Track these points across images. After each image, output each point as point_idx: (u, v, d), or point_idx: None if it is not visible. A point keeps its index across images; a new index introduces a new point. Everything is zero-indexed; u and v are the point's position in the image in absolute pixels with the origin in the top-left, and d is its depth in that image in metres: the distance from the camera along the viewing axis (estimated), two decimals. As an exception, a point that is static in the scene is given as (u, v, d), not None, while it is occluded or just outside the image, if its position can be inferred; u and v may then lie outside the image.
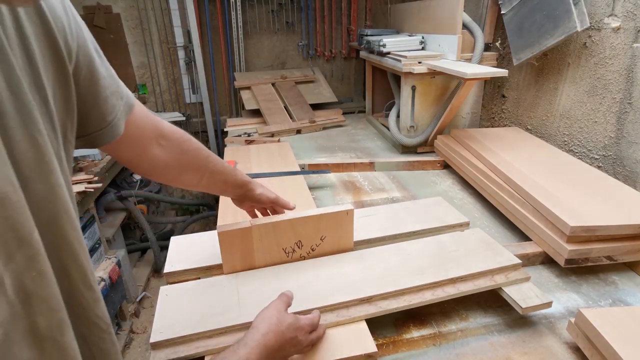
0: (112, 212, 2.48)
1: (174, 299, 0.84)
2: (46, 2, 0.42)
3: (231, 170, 0.85)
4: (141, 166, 0.71)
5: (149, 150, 0.69)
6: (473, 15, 1.84)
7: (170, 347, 0.73)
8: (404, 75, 1.81)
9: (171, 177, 0.77)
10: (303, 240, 0.93)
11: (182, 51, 2.99)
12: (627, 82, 1.29)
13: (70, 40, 0.45)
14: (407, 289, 0.85)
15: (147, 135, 0.68)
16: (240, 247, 0.89)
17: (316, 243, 0.94)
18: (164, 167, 0.73)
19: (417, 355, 0.80)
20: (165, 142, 0.71)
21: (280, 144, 1.97)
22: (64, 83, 0.44)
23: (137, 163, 0.70)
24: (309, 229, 0.92)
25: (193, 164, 0.77)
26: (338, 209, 0.92)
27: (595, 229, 0.96)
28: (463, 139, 1.60)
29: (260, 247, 0.90)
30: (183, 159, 0.75)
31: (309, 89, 2.79)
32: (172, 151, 0.73)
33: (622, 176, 1.32)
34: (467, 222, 1.11)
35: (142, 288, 2.56)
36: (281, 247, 0.92)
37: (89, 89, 0.50)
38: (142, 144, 0.67)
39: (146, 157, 0.69)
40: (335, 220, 0.93)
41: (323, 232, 0.93)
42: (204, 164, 0.79)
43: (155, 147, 0.70)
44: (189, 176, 0.78)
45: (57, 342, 0.40)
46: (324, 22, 3.02)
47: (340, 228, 0.95)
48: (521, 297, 0.84)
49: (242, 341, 0.63)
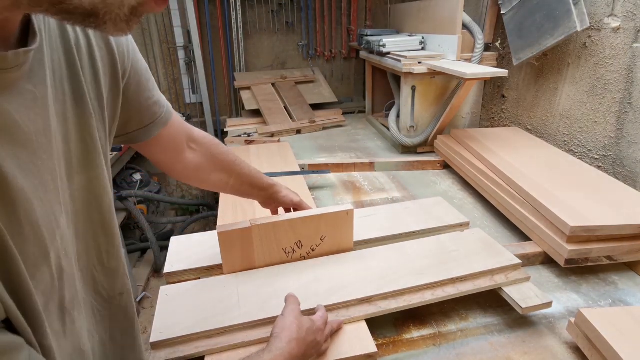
0: (112, 212, 2.48)
1: (174, 298, 0.84)
2: None
3: (257, 174, 0.90)
4: (175, 168, 0.78)
5: (181, 154, 0.77)
6: (473, 15, 1.84)
7: (170, 347, 0.73)
8: (404, 75, 1.81)
9: (202, 179, 0.83)
10: (303, 240, 0.93)
11: (182, 51, 2.99)
12: (627, 82, 1.29)
13: (126, 62, 0.56)
14: (406, 289, 0.85)
15: (181, 139, 0.75)
16: (240, 247, 0.89)
17: (316, 243, 0.94)
18: (195, 169, 0.80)
19: (417, 355, 0.80)
20: (195, 146, 0.79)
21: (280, 144, 1.97)
22: (116, 95, 0.54)
23: (171, 165, 0.78)
24: (309, 229, 0.92)
25: (221, 167, 0.84)
26: (338, 209, 0.92)
27: (595, 229, 0.96)
28: (463, 139, 1.60)
29: (260, 247, 0.90)
30: (212, 161, 0.82)
31: (309, 89, 2.79)
32: (202, 154, 0.80)
33: (622, 176, 1.32)
34: (467, 222, 1.11)
35: (142, 288, 2.56)
36: (281, 247, 0.92)
37: (133, 101, 0.60)
38: (176, 147, 0.75)
39: (180, 159, 0.77)
40: (335, 221, 0.93)
41: (323, 232, 0.93)
42: (231, 167, 0.85)
43: (187, 151, 0.78)
44: (218, 178, 0.84)
45: (72, 316, 0.46)
46: (324, 22, 3.02)
47: (340, 228, 0.94)
48: (521, 297, 0.84)
49: (266, 349, 0.63)
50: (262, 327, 0.77)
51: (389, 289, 0.84)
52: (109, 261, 0.54)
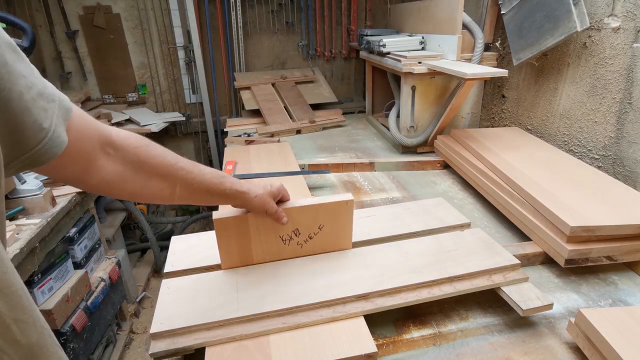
0: (112, 212, 2.48)
1: (175, 291, 0.86)
2: None
3: (215, 179, 0.74)
4: (89, 182, 0.59)
5: (95, 163, 0.58)
6: (473, 16, 1.84)
7: (170, 338, 0.75)
8: (404, 75, 1.81)
9: (133, 191, 0.66)
10: (300, 228, 0.91)
11: (182, 51, 2.99)
12: (627, 82, 1.29)
13: None
14: (403, 287, 0.85)
15: (91, 145, 0.57)
16: (236, 235, 0.88)
17: (314, 232, 0.93)
18: (119, 180, 0.62)
19: (417, 355, 0.80)
20: (113, 151, 0.61)
21: (280, 144, 1.97)
22: None
23: (84, 179, 0.59)
24: (307, 218, 0.91)
25: (156, 173, 0.66)
26: (337, 198, 0.91)
27: (595, 229, 0.96)
28: (463, 139, 1.60)
29: (257, 235, 0.89)
30: (141, 167, 0.64)
31: (309, 89, 2.79)
32: (124, 160, 0.62)
33: (622, 176, 1.32)
34: (468, 222, 1.11)
35: (142, 288, 2.56)
36: (278, 234, 0.91)
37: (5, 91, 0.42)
38: (86, 156, 0.57)
39: (93, 170, 0.58)
40: (334, 211, 0.92)
41: (321, 222, 0.92)
42: (171, 172, 0.68)
43: (103, 158, 0.59)
44: (155, 187, 0.67)
45: None
46: (324, 22, 3.02)
47: (339, 219, 0.93)
48: (522, 298, 0.84)
49: None
50: (260, 320, 0.78)
51: (386, 286, 0.85)
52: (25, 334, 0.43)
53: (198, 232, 1.07)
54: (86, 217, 1.90)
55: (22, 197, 1.50)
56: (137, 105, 3.06)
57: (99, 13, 2.80)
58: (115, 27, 2.87)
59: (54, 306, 1.54)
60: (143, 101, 3.09)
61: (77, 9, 2.79)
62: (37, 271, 1.50)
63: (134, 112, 2.85)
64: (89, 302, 1.78)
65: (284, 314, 0.79)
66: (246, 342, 0.75)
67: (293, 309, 0.80)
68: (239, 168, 1.61)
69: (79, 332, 1.68)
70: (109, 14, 2.83)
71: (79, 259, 1.81)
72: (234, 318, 0.77)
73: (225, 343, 0.75)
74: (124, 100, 3.06)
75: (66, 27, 2.80)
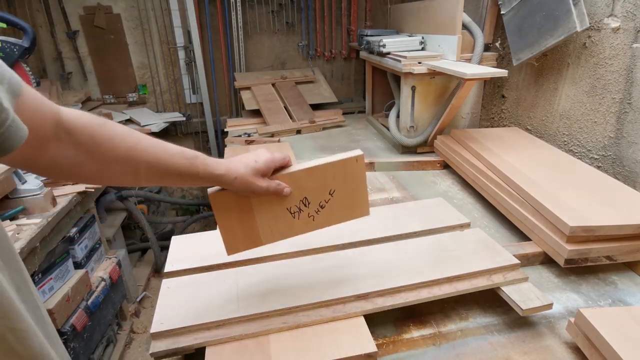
0: (112, 212, 2.48)
1: (175, 291, 0.86)
2: None
3: (184, 160, 0.65)
4: (40, 166, 0.56)
5: (45, 145, 0.54)
6: (473, 16, 1.84)
7: (170, 338, 0.75)
8: (404, 75, 1.81)
9: (91, 175, 0.61)
10: (309, 196, 0.78)
11: (182, 51, 2.99)
12: (626, 83, 1.29)
13: None
14: (403, 287, 0.86)
15: (44, 127, 0.53)
16: (237, 212, 0.77)
17: (325, 199, 0.80)
18: (74, 164, 0.58)
19: (417, 355, 0.80)
20: (65, 134, 0.56)
21: (280, 144, 1.98)
22: None
23: (33, 163, 0.55)
24: (314, 183, 0.77)
25: (114, 156, 0.60)
26: (346, 155, 0.77)
27: (594, 229, 0.96)
28: (463, 139, 1.60)
29: (261, 210, 0.77)
30: (97, 150, 0.58)
31: (309, 89, 2.79)
32: (77, 143, 0.57)
33: (621, 176, 1.33)
34: (468, 223, 1.11)
35: (142, 288, 2.56)
36: (285, 207, 0.78)
37: None
38: (37, 138, 0.52)
39: (44, 154, 0.55)
40: (344, 170, 0.78)
41: (331, 186, 0.79)
42: (132, 154, 0.61)
43: (53, 142, 0.55)
44: (115, 171, 0.61)
45: None
46: (324, 23, 3.03)
47: (350, 180, 0.79)
48: (521, 298, 0.84)
49: None
50: (260, 320, 0.78)
51: (386, 286, 0.85)
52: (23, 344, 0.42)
53: (198, 232, 1.08)
54: (87, 217, 1.90)
55: (23, 197, 1.50)
56: (137, 106, 3.06)
57: (100, 13, 2.81)
58: (115, 27, 2.87)
59: (55, 306, 1.54)
60: (143, 101, 3.09)
61: (78, 9, 2.79)
62: (38, 271, 1.51)
63: (134, 112, 2.86)
64: (89, 302, 1.78)
65: (284, 313, 0.80)
66: (246, 342, 0.75)
67: (293, 309, 0.80)
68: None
69: (80, 331, 1.68)
70: (109, 14, 2.83)
71: (79, 258, 1.81)
72: (234, 318, 0.78)
73: (225, 343, 0.75)
74: (125, 101, 3.06)
75: (67, 27, 2.80)
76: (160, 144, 0.64)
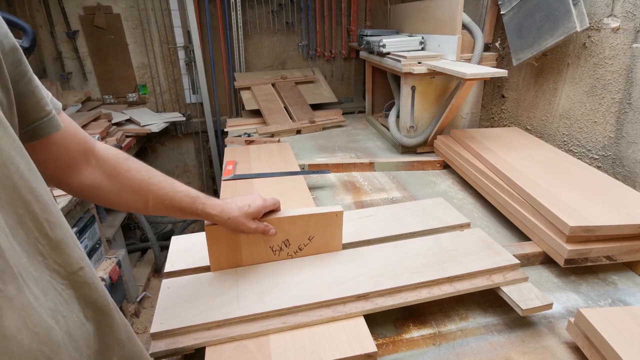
0: (112, 212, 2.48)
1: (175, 291, 0.86)
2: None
3: (187, 198, 0.77)
4: (69, 183, 0.67)
5: (77, 168, 0.66)
6: (473, 16, 1.84)
7: (170, 338, 0.75)
8: (404, 75, 1.81)
9: (109, 199, 0.71)
10: (291, 239, 0.93)
11: (182, 51, 2.99)
12: (626, 83, 1.29)
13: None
14: (403, 287, 0.86)
15: (78, 151, 0.65)
16: (227, 243, 0.89)
17: (304, 243, 0.94)
18: (94, 187, 0.69)
19: (417, 355, 0.80)
20: (94, 161, 0.68)
21: (280, 144, 1.98)
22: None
23: (64, 179, 0.66)
24: (297, 229, 0.92)
25: (130, 185, 0.71)
26: (328, 210, 0.92)
27: (594, 229, 0.96)
28: (463, 139, 1.60)
29: (247, 244, 0.90)
30: (117, 180, 0.70)
31: (309, 89, 2.79)
32: (102, 171, 0.69)
33: (621, 176, 1.33)
34: (468, 223, 1.11)
35: (142, 288, 2.56)
36: (268, 245, 0.92)
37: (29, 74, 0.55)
38: (71, 159, 0.64)
39: (74, 174, 0.66)
40: (324, 221, 0.93)
41: (311, 233, 0.93)
42: (144, 186, 0.72)
43: (84, 165, 0.67)
44: (129, 198, 0.72)
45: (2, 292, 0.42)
46: (324, 23, 3.03)
47: (329, 229, 0.94)
48: (521, 298, 0.84)
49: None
50: (260, 320, 0.78)
51: (386, 286, 0.85)
52: (53, 231, 0.50)
53: (198, 232, 1.07)
54: (86, 217, 1.90)
55: (23, 197, 1.50)
56: (137, 106, 3.06)
57: (100, 13, 2.81)
58: (115, 28, 2.87)
59: (55, 306, 1.54)
60: (143, 101, 3.09)
61: (78, 9, 2.79)
62: (38, 271, 1.50)
63: (134, 112, 2.86)
64: (89, 302, 1.78)
65: (284, 313, 0.80)
66: (246, 342, 0.75)
67: (293, 309, 0.80)
68: (239, 168, 1.61)
69: (79, 332, 1.68)
70: (109, 14, 2.83)
71: (79, 259, 1.81)
72: (234, 318, 0.78)
73: (225, 343, 0.75)
74: (124, 101, 3.06)
75: (66, 27, 2.80)
76: (170, 182, 0.76)
